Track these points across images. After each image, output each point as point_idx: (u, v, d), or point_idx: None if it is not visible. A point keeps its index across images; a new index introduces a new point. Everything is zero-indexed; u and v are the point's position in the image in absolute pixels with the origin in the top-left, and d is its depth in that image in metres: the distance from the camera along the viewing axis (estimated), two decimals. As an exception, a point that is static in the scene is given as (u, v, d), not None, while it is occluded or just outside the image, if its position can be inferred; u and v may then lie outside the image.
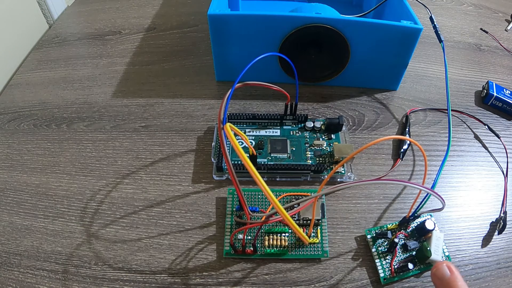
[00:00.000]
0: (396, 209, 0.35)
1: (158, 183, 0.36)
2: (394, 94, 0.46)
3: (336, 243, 0.32)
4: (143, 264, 0.31)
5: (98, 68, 0.50)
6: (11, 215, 0.34)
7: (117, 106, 0.44)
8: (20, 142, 0.40)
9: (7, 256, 0.31)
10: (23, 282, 0.30)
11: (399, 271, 0.30)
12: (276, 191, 0.35)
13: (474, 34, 0.57)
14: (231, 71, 0.45)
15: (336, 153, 0.37)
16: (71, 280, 0.30)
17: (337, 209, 0.35)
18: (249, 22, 0.40)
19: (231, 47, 0.42)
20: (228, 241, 0.31)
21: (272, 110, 0.44)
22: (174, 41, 0.54)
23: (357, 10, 0.55)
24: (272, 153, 0.38)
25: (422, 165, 0.38)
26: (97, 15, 0.60)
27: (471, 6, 0.65)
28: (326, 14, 0.44)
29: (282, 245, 0.31)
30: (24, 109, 0.44)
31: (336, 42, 0.40)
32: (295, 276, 0.30)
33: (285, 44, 0.41)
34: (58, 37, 0.55)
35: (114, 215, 0.34)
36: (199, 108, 0.44)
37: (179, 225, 0.33)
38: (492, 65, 0.51)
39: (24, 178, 0.37)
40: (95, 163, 0.38)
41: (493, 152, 0.40)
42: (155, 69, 0.49)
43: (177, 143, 0.40)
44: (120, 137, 0.41)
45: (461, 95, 0.46)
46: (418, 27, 0.39)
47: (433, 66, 0.50)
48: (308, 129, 0.40)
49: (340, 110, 0.44)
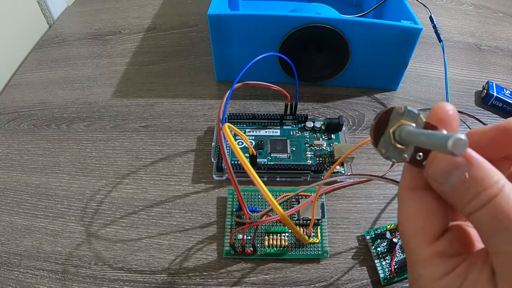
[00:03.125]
0: (395, 209, 0.34)
1: (158, 183, 0.36)
2: (394, 94, 0.46)
3: (336, 243, 0.32)
4: (143, 264, 0.31)
5: (98, 68, 0.50)
6: (11, 215, 0.34)
7: (117, 106, 0.44)
8: (20, 142, 0.40)
9: (7, 256, 0.31)
10: (23, 282, 0.30)
11: (399, 271, 0.30)
12: (276, 191, 0.35)
13: (474, 34, 0.57)
14: (231, 71, 0.45)
15: (336, 153, 0.37)
16: (71, 280, 0.30)
17: (337, 209, 0.35)
18: (249, 22, 0.40)
19: (231, 47, 0.42)
20: (228, 241, 0.31)
21: (272, 110, 0.44)
22: (174, 41, 0.54)
23: (357, 10, 0.55)
24: (272, 153, 0.38)
25: (422, 165, 0.38)
26: (97, 15, 0.60)
27: (471, 6, 0.65)
28: (326, 14, 0.44)
29: (282, 245, 0.31)
30: (24, 109, 0.44)
31: (336, 42, 0.40)
32: (295, 276, 0.30)
33: (285, 44, 0.41)
34: (58, 37, 0.56)
35: (114, 215, 0.34)
36: (199, 108, 0.44)
37: (179, 225, 0.33)
38: (492, 65, 0.51)
39: (24, 178, 0.37)
40: (95, 163, 0.38)
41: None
42: (155, 69, 0.49)
43: (177, 143, 0.40)
44: (120, 137, 0.41)
45: (461, 95, 0.46)
46: (418, 27, 0.39)
47: (433, 66, 0.50)
48: (308, 129, 0.40)
49: (340, 110, 0.44)
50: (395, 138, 0.16)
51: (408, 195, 0.17)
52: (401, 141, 0.16)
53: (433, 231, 0.17)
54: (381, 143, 0.16)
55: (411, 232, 0.17)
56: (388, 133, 0.16)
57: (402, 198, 0.18)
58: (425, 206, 0.17)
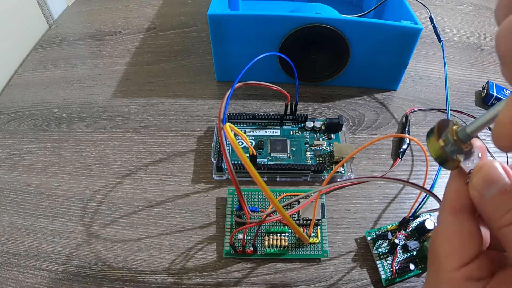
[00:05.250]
0: (396, 209, 0.35)
1: (158, 183, 0.36)
2: (394, 94, 0.46)
3: (336, 243, 0.32)
4: (143, 264, 0.31)
5: (98, 68, 0.50)
6: (11, 215, 0.34)
7: (117, 106, 0.44)
8: (20, 142, 0.40)
9: (7, 256, 0.31)
10: (23, 282, 0.30)
11: (401, 272, 0.30)
12: (276, 191, 0.35)
13: (474, 34, 0.57)
14: (231, 71, 0.45)
15: (336, 153, 0.37)
16: (71, 280, 0.30)
17: (337, 209, 0.35)
18: (249, 22, 0.40)
19: (231, 47, 0.42)
20: (228, 241, 0.31)
21: (272, 110, 0.44)
22: (174, 41, 0.54)
23: (357, 10, 0.55)
24: (272, 153, 0.38)
25: (421, 164, 0.38)
26: (97, 15, 0.60)
27: (471, 6, 0.65)
28: (326, 14, 0.44)
29: (282, 245, 0.31)
30: (24, 109, 0.44)
31: (336, 42, 0.40)
32: (295, 276, 0.30)
33: (285, 44, 0.41)
34: (58, 37, 0.56)
35: (114, 215, 0.34)
36: (199, 108, 0.44)
37: (179, 225, 0.33)
38: (492, 65, 0.51)
39: (24, 178, 0.37)
40: (95, 163, 0.38)
41: (493, 152, 0.40)
42: (155, 69, 0.49)
43: (177, 143, 0.40)
44: (120, 137, 0.41)
45: (461, 95, 0.46)
46: (418, 27, 0.39)
47: (433, 66, 0.50)
48: (308, 129, 0.40)
49: (340, 110, 0.44)
50: (457, 134, 0.17)
51: (450, 215, 0.18)
52: (464, 136, 0.17)
53: (468, 255, 0.17)
54: (443, 136, 0.17)
55: (445, 252, 0.17)
56: (450, 130, 0.17)
57: (443, 218, 0.18)
58: (465, 229, 0.17)
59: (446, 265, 0.17)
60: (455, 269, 0.17)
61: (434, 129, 0.17)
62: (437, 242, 0.18)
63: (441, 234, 0.18)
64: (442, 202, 0.18)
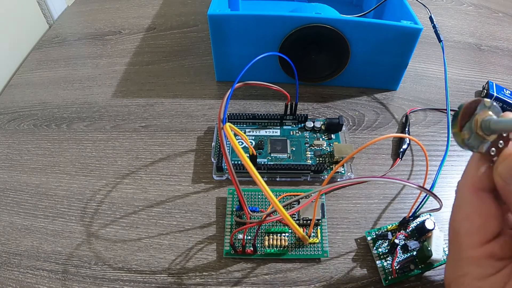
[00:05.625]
0: (396, 209, 0.35)
1: (158, 183, 0.36)
2: (394, 94, 0.46)
3: (336, 243, 0.32)
4: (143, 264, 0.31)
5: (98, 68, 0.50)
6: (11, 215, 0.34)
7: (117, 106, 0.44)
8: (20, 142, 0.40)
9: (7, 256, 0.31)
10: (23, 282, 0.30)
11: (401, 272, 0.30)
12: (276, 191, 0.35)
13: (474, 34, 0.57)
14: (231, 71, 0.45)
15: (336, 153, 0.37)
16: (71, 280, 0.30)
17: (337, 209, 0.35)
18: (249, 22, 0.40)
19: (231, 47, 0.42)
20: (228, 241, 0.31)
21: (272, 110, 0.44)
22: (174, 41, 0.54)
23: (357, 10, 0.55)
24: (272, 153, 0.38)
25: (421, 164, 0.38)
26: (97, 15, 0.60)
27: (471, 6, 0.65)
28: (326, 14, 0.44)
29: (282, 245, 0.31)
30: (24, 109, 0.44)
31: (336, 42, 0.40)
32: (295, 276, 0.30)
33: (285, 44, 0.41)
34: (58, 37, 0.56)
35: (114, 215, 0.34)
36: (199, 108, 0.44)
37: (179, 225, 0.33)
38: (492, 65, 0.51)
39: (24, 178, 0.37)
40: (95, 163, 0.38)
41: (493, 152, 0.40)
42: (155, 69, 0.49)
43: (177, 143, 0.40)
44: (120, 137, 0.41)
45: (461, 95, 0.46)
46: (418, 27, 0.39)
47: (433, 66, 0.50)
48: (308, 129, 0.40)
49: (340, 110, 0.44)
50: (481, 126, 0.17)
51: (471, 194, 0.18)
52: (486, 129, 0.16)
53: (489, 232, 0.17)
54: (465, 128, 0.17)
55: (466, 230, 0.17)
56: (474, 120, 0.17)
57: (463, 197, 0.18)
58: (486, 207, 0.17)
59: (467, 243, 0.17)
60: (477, 246, 0.17)
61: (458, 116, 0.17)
62: (457, 220, 0.18)
63: (461, 212, 0.18)
64: (462, 180, 0.18)
